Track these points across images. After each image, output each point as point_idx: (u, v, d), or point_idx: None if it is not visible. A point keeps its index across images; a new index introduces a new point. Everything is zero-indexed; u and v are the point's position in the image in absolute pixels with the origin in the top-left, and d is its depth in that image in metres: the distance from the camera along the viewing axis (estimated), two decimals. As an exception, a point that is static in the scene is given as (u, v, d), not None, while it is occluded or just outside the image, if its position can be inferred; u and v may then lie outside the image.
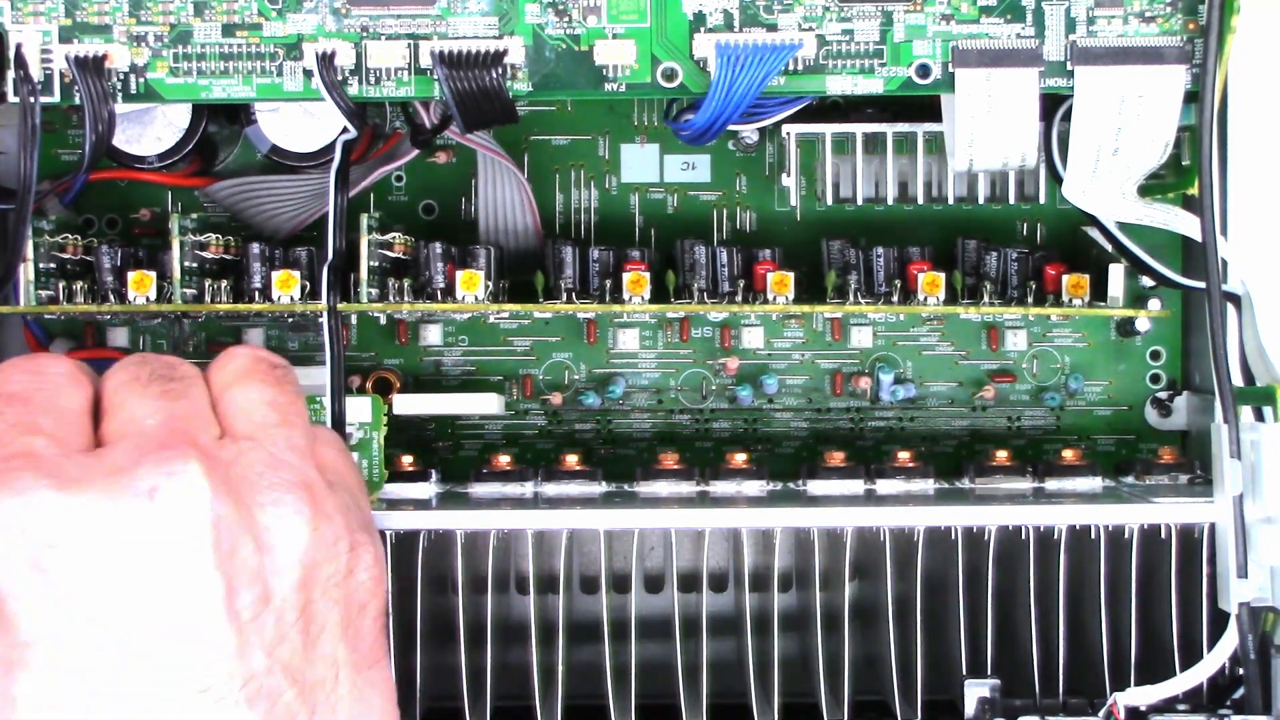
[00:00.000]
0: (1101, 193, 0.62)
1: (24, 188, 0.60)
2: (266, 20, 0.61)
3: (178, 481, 0.46)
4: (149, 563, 0.46)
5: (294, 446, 0.50)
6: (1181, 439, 0.73)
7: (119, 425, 0.49)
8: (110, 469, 0.47)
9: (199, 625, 0.46)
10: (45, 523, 0.45)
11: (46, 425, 0.48)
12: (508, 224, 0.72)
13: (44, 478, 0.46)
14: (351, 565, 0.50)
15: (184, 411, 0.49)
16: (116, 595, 0.45)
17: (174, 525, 0.46)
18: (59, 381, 0.50)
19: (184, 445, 0.47)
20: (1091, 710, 0.63)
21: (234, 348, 0.53)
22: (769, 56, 0.60)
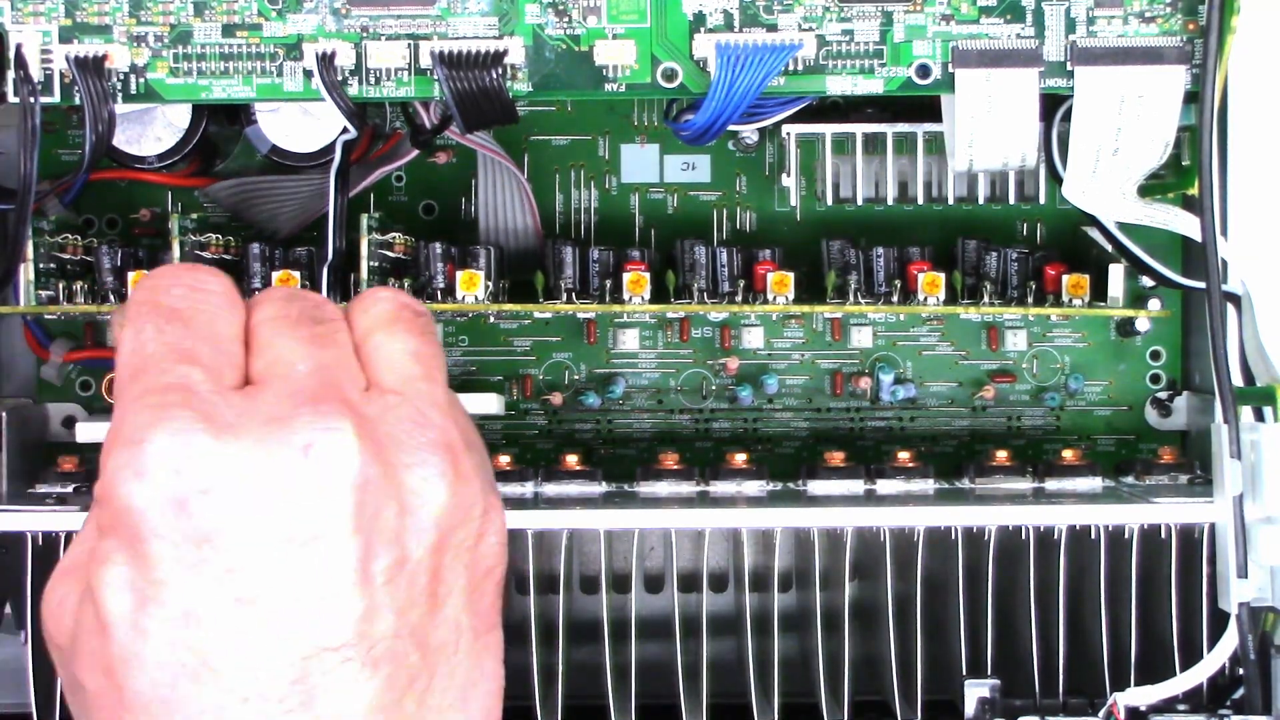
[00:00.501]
0: (1101, 193, 0.62)
1: (24, 188, 0.60)
2: (266, 20, 0.61)
3: (332, 439, 0.46)
4: (293, 519, 0.45)
5: (437, 403, 0.49)
6: (1181, 439, 0.73)
7: (269, 365, 0.48)
8: (266, 417, 0.46)
9: (333, 586, 0.45)
10: (198, 467, 0.45)
11: (204, 355, 0.47)
12: (508, 224, 0.72)
13: (200, 420, 0.45)
14: (483, 530, 0.49)
15: (333, 360, 0.48)
16: (257, 547, 0.45)
17: (323, 485, 0.45)
18: (218, 303, 0.49)
19: (337, 401, 0.47)
20: (1091, 710, 0.63)
21: (377, 289, 0.52)
22: (769, 57, 0.60)
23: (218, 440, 0.45)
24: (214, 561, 0.45)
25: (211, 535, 0.45)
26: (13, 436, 0.67)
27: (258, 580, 0.45)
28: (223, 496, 0.45)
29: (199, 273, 0.50)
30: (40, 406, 0.72)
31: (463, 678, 0.48)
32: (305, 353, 0.48)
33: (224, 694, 0.45)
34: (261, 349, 0.49)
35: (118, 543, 0.45)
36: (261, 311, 0.50)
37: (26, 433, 0.69)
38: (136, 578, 0.45)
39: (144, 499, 0.45)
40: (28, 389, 0.73)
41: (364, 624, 0.46)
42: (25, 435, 0.69)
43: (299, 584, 0.45)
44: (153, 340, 0.48)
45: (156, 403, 0.46)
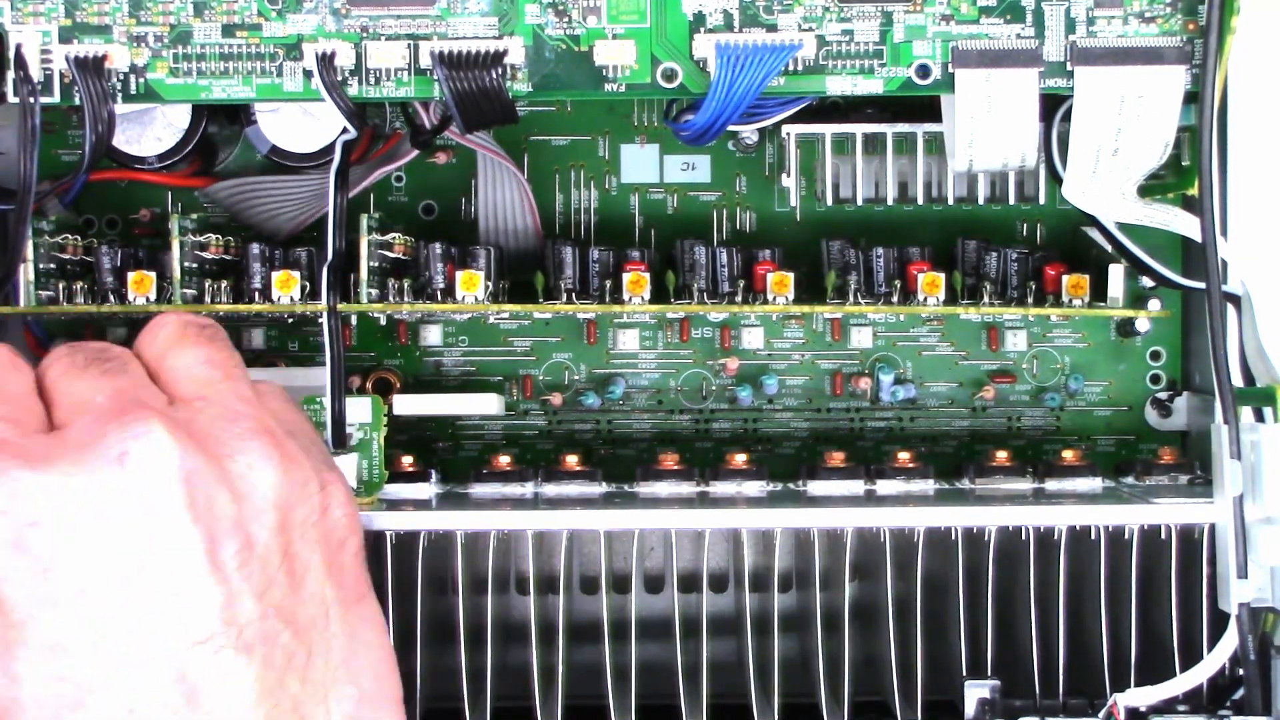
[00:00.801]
0: (1101, 193, 0.62)
1: (24, 188, 0.60)
2: (266, 20, 0.61)
3: (144, 443, 0.46)
4: (129, 527, 0.46)
5: (243, 398, 0.50)
6: (1181, 439, 0.73)
7: (70, 408, 0.49)
8: (76, 444, 0.47)
9: (187, 581, 0.46)
10: (22, 502, 0.46)
11: (1, 410, 0.48)
12: (508, 224, 0.72)
13: (12, 458, 0.46)
14: (325, 503, 0.50)
15: (129, 384, 0.49)
16: (103, 563, 0.46)
17: (148, 486, 0.46)
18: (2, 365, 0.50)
19: (141, 409, 0.48)
20: (1091, 710, 0.62)
21: (158, 316, 0.53)
22: (769, 57, 0.60)
23: (34, 472, 0.46)
24: (63, 588, 0.45)
25: (53, 565, 0.45)
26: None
27: (111, 594, 0.45)
28: (53, 524, 0.46)
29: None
30: (40, 407, 0.72)
31: (341, 649, 0.49)
32: (100, 385, 0.49)
33: (108, 712, 0.45)
34: (61, 399, 0.50)
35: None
36: (51, 370, 0.50)
37: (26, 433, 0.69)
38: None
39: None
40: (28, 389, 0.73)
41: (227, 611, 0.46)
42: (25, 435, 0.69)
43: (153, 587, 0.46)
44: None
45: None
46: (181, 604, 0.46)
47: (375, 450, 0.64)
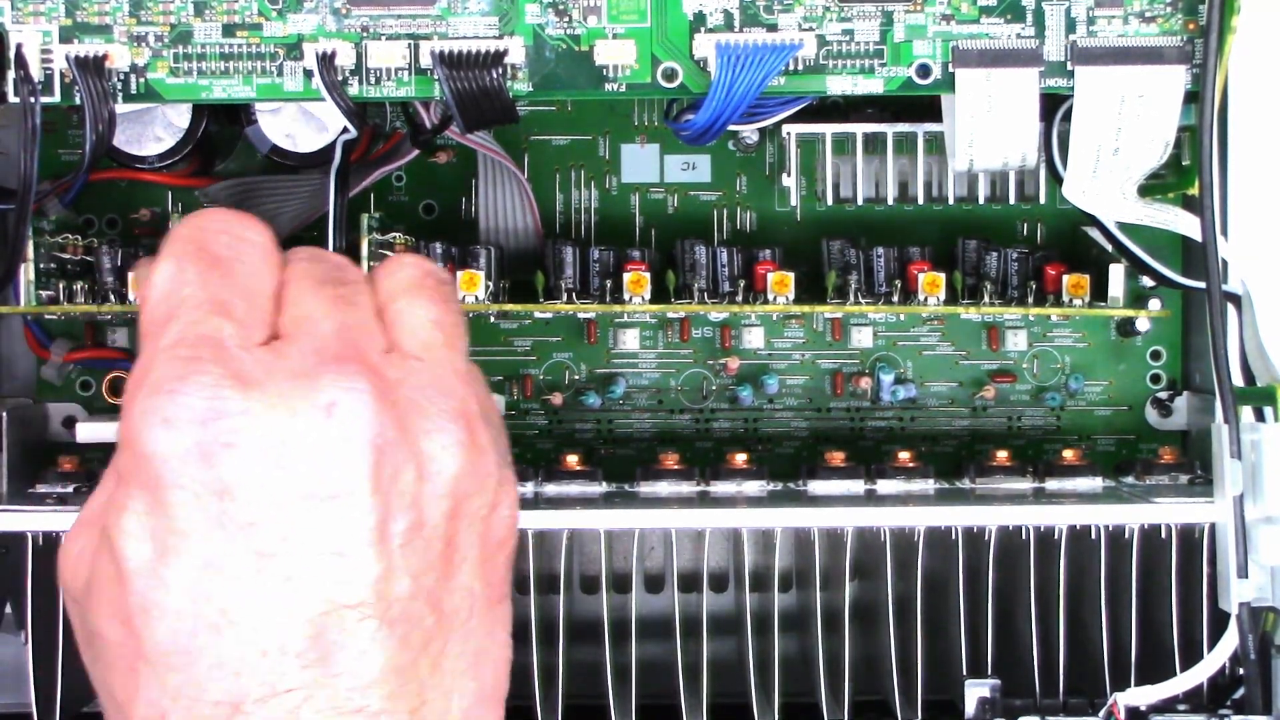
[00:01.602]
0: (1101, 193, 0.62)
1: (24, 188, 0.60)
2: (266, 20, 0.61)
3: (353, 400, 0.46)
4: (314, 478, 0.45)
5: (457, 371, 0.50)
6: (1181, 439, 0.73)
7: (294, 322, 0.48)
8: (290, 374, 0.46)
9: (352, 545, 0.46)
10: (224, 421, 0.45)
11: (239, 310, 0.48)
12: (508, 224, 0.72)
13: (228, 376, 0.46)
14: (496, 501, 0.49)
15: (356, 321, 0.49)
16: (279, 504, 0.45)
17: (344, 443, 0.46)
18: (260, 256, 0.49)
19: (359, 362, 0.47)
20: (1091, 710, 0.62)
21: (404, 254, 0.52)
22: (769, 56, 0.60)
23: (244, 397, 0.45)
24: (235, 515, 0.45)
25: (233, 488, 0.45)
26: (13, 436, 0.67)
27: (277, 535, 0.45)
28: (246, 451, 0.45)
29: (245, 222, 0.50)
30: (40, 406, 0.72)
31: (475, 645, 0.49)
32: (328, 311, 0.48)
33: (243, 646, 0.45)
34: (287, 305, 0.49)
35: (138, 490, 0.45)
36: (293, 269, 0.50)
37: (26, 433, 0.69)
38: (157, 526, 0.45)
39: (168, 448, 0.45)
40: (28, 389, 0.73)
41: (381, 584, 0.46)
42: (25, 435, 0.69)
43: (318, 541, 0.45)
44: (192, 285, 0.48)
45: (188, 355, 0.46)
46: (341, 565, 0.45)
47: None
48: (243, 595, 0.45)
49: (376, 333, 0.49)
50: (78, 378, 0.73)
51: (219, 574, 0.45)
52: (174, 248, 0.48)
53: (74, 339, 0.72)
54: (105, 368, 0.72)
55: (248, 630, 0.45)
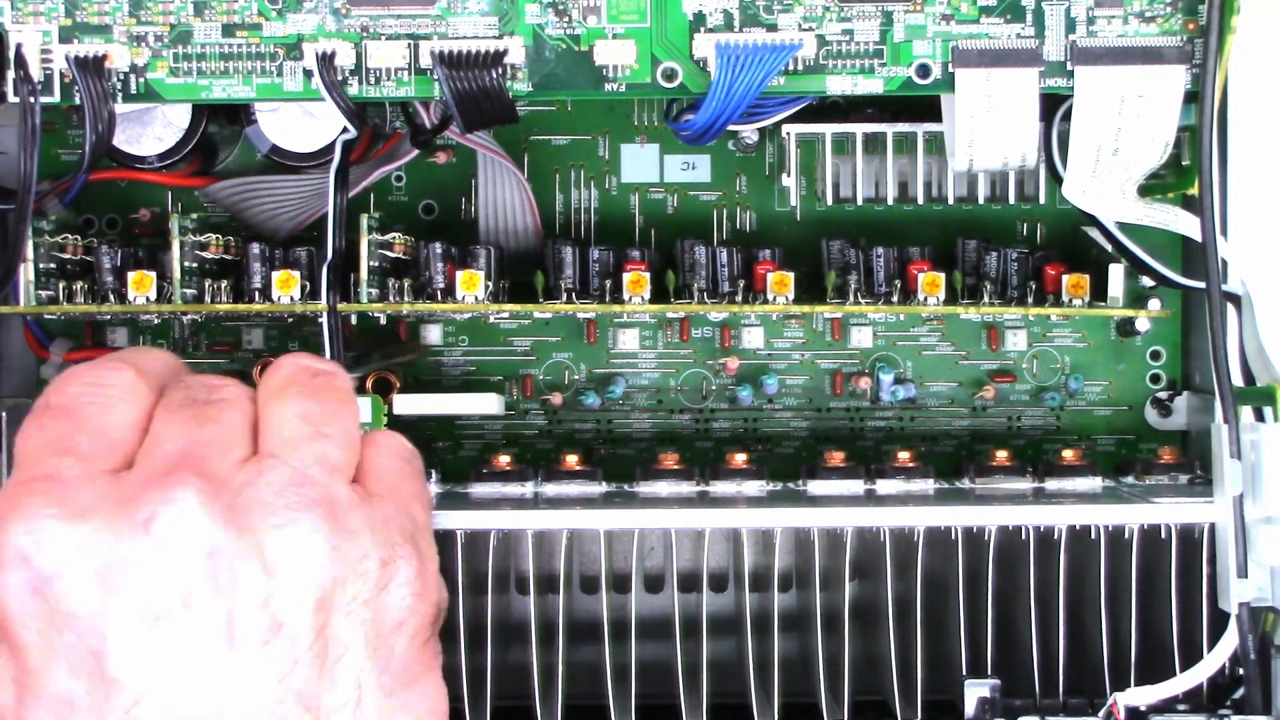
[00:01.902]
0: (1101, 193, 0.62)
1: (24, 188, 0.60)
2: (266, 20, 0.61)
3: (172, 510, 0.46)
4: (146, 595, 0.45)
5: (322, 460, 0.49)
6: (1181, 439, 0.73)
7: (145, 449, 0.49)
8: (118, 497, 0.46)
9: (202, 655, 0.45)
10: (48, 553, 0.45)
11: (83, 445, 0.48)
12: (508, 224, 0.72)
13: (53, 505, 0.46)
14: (384, 581, 0.48)
15: (207, 437, 0.48)
16: (119, 627, 0.45)
17: (169, 556, 0.45)
18: (114, 395, 0.49)
19: (185, 473, 0.47)
20: (1091, 710, 0.62)
21: (283, 357, 0.52)
22: (769, 56, 0.60)
23: (65, 524, 0.45)
24: (76, 645, 0.45)
25: (70, 619, 0.45)
26: (13, 436, 0.67)
27: (122, 659, 0.45)
28: (74, 579, 0.45)
29: (101, 370, 0.50)
30: (40, 406, 0.72)
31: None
32: (179, 432, 0.48)
33: None
34: (149, 434, 0.49)
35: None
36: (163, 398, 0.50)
37: (26, 433, 0.69)
38: (15, 668, 0.45)
39: (5, 589, 0.45)
40: (28, 389, 0.73)
41: (239, 690, 0.45)
42: (25, 435, 0.69)
43: (164, 658, 0.45)
44: (34, 437, 0.48)
45: (16, 492, 0.46)
46: (193, 676, 0.45)
47: (375, 450, 0.64)
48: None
49: (234, 443, 0.49)
50: (77, 378, 0.72)
51: (72, 708, 0.45)
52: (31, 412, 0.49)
53: (74, 339, 0.72)
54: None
55: None
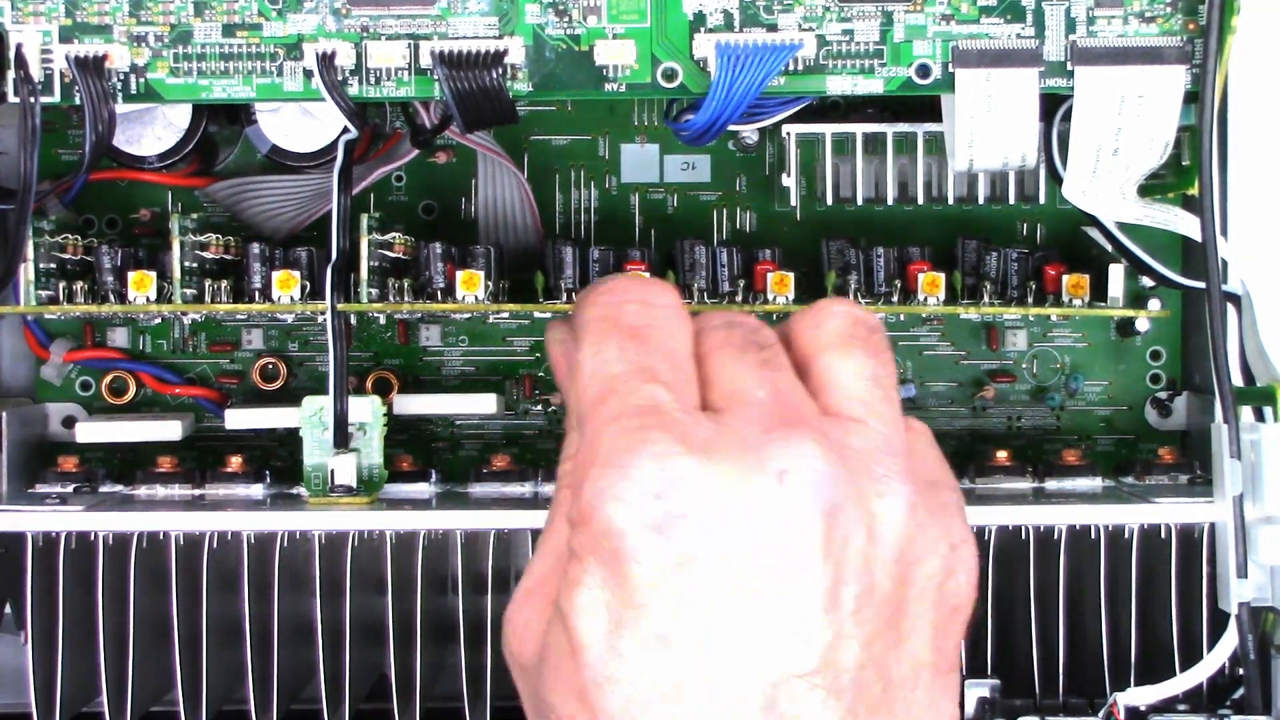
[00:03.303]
0: (1101, 193, 0.62)
1: (24, 188, 0.60)
2: (266, 20, 0.61)
3: (805, 465, 0.45)
4: (766, 545, 0.45)
5: (898, 429, 0.48)
6: (1181, 439, 0.73)
7: (728, 394, 0.47)
8: (739, 442, 0.45)
9: (803, 613, 0.45)
10: (679, 491, 0.44)
11: (666, 374, 0.47)
12: (508, 224, 0.72)
13: (678, 442, 0.45)
14: (951, 565, 0.47)
15: (787, 385, 0.47)
16: (730, 572, 0.44)
17: (795, 511, 0.45)
18: (671, 317, 0.48)
19: (806, 427, 0.46)
20: (1091, 710, 0.62)
21: (827, 302, 0.50)
22: (769, 57, 0.60)
23: (697, 464, 0.45)
24: (689, 586, 0.44)
25: (689, 560, 0.44)
26: (13, 436, 0.67)
27: (731, 604, 0.45)
28: (701, 521, 0.45)
29: (649, 287, 0.49)
30: (40, 406, 0.72)
31: (919, 716, 0.47)
32: (758, 379, 0.47)
33: (696, 717, 0.44)
34: (715, 378, 0.48)
35: (595, 565, 0.45)
36: (709, 339, 0.49)
37: (26, 433, 0.69)
38: (613, 601, 0.45)
39: (626, 523, 0.44)
40: (28, 389, 0.73)
41: (832, 652, 0.45)
42: (25, 435, 0.69)
43: (770, 609, 0.45)
44: (616, 360, 0.47)
45: (634, 425, 0.46)
46: (792, 633, 0.45)
47: (375, 450, 0.64)
48: (696, 666, 0.44)
49: (806, 396, 0.48)
50: (78, 378, 0.73)
51: (672, 646, 0.44)
52: (589, 330, 0.48)
53: (74, 339, 0.72)
54: (105, 368, 0.72)
55: (700, 702, 0.44)
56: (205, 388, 0.72)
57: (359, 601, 0.64)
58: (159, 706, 0.67)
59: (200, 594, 0.63)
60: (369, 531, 0.64)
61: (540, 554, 0.49)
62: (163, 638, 0.64)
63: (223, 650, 0.65)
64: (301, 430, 0.64)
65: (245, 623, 0.64)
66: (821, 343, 0.49)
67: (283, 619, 0.64)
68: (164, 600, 0.64)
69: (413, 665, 0.64)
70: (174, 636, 0.64)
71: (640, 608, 0.44)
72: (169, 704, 0.66)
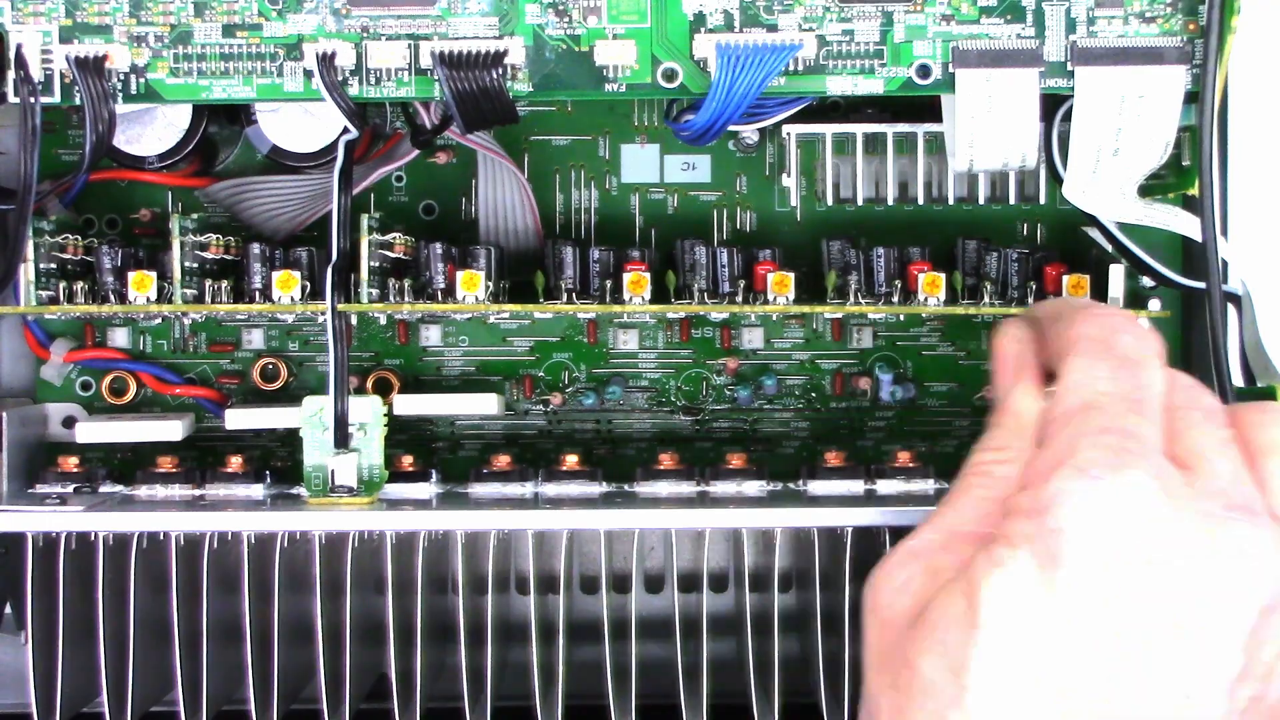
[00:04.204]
0: (1101, 193, 0.62)
1: (24, 188, 0.60)
2: (266, 20, 0.61)
3: (1260, 555, 0.46)
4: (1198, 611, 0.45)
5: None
6: (1181, 439, 0.73)
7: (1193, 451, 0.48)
8: (1205, 503, 0.46)
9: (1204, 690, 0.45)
10: (1140, 522, 0.45)
11: (1148, 411, 0.48)
12: (508, 224, 0.72)
13: (1156, 480, 0.46)
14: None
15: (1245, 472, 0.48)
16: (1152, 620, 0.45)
17: (1238, 592, 0.46)
18: (1158, 361, 0.50)
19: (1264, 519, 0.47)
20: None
21: (1273, 406, 0.51)
22: (769, 57, 0.60)
23: (1166, 505, 0.46)
24: (1115, 617, 0.45)
25: (1125, 595, 0.45)
26: (13, 436, 0.67)
27: (1141, 649, 0.45)
28: (1150, 561, 0.45)
29: (1142, 328, 0.51)
30: (40, 406, 0.72)
31: None
32: (1225, 454, 0.48)
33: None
34: (1181, 432, 0.49)
35: (1028, 556, 0.46)
36: (1176, 395, 0.50)
37: (26, 433, 0.69)
38: (1031, 595, 0.45)
39: (1081, 530, 0.45)
40: (28, 389, 0.73)
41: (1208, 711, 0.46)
42: (25, 435, 0.69)
43: (1175, 671, 0.45)
44: (1107, 380, 0.49)
45: (1115, 444, 0.47)
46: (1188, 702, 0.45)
47: (375, 450, 0.64)
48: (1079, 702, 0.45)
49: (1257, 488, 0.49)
50: (78, 378, 0.73)
51: (1066, 670, 0.45)
52: (1082, 343, 0.50)
53: (74, 339, 0.72)
54: (105, 368, 0.72)
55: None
56: (205, 388, 0.72)
57: (359, 601, 0.64)
58: (159, 706, 0.67)
59: (200, 594, 0.63)
60: (369, 531, 0.64)
61: (933, 526, 0.50)
62: (163, 638, 0.64)
63: (223, 650, 0.65)
64: (301, 430, 0.64)
65: (245, 623, 0.64)
66: (1271, 445, 0.50)
67: (283, 619, 0.64)
68: (164, 600, 0.64)
69: (413, 665, 0.64)
70: (174, 636, 0.64)
71: (1056, 613, 0.45)
72: (169, 704, 0.66)
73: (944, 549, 0.49)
